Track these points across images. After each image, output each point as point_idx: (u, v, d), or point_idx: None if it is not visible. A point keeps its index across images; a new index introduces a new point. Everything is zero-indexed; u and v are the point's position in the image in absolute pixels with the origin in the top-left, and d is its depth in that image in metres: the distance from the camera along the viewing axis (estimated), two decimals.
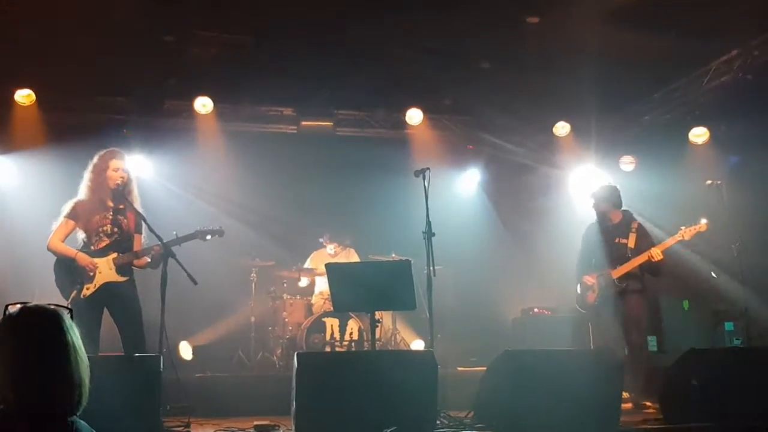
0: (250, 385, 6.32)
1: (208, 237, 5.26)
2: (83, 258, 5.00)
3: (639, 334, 5.92)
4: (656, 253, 5.82)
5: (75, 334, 1.90)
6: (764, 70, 6.88)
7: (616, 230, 6.13)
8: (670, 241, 5.94)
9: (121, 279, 5.10)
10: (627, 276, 5.95)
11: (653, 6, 6.18)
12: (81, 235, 5.14)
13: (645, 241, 6.01)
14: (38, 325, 1.86)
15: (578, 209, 6.53)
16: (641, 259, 5.87)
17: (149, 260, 5.14)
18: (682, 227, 5.91)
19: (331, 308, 7.08)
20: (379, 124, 8.70)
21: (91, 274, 4.99)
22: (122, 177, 5.14)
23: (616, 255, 6.04)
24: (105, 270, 5.04)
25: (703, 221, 5.89)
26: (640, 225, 6.12)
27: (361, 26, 6.46)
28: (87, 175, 5.22)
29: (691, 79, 7.71)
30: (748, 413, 4.40)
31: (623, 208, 6.22)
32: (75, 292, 4.94)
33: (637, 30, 6.46)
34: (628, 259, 5.96)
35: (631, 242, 6.01)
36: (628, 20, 6.29)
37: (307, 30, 6.60)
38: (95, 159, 5.25)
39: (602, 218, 6.23)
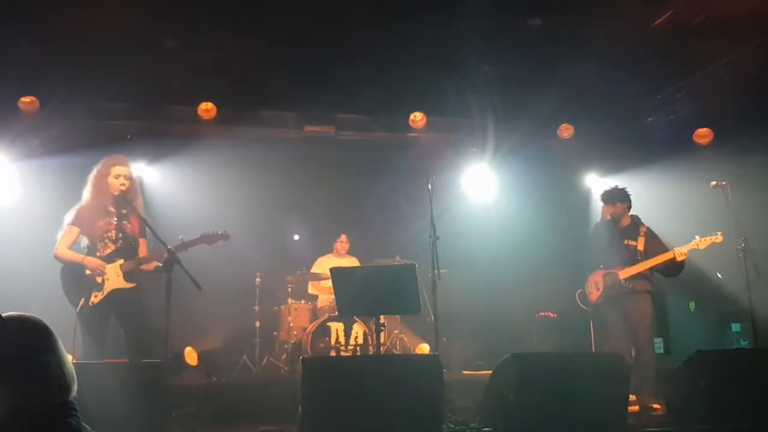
0: (255, 391, 6.30)
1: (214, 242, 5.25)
2: (91, 261, 5.00)
3: (645, 333, 5.91)
4: (680, 253, 5.80)
5: (59, 343, 1.97)
6: (766, 70, 6.86)
7: (625, 232, 6.15)
8: (684, 248, 5.86)
9: (129, 285, 5.09)
10: (635, 277, 5.94)
11: (654, 7, 6.18)
12: (85, 242, 5.13)
13: (655, 244, 6.01)
14: (24, 333, 1.89)
15: (582, 211, 6.52)
16: (665, 257, 5.82)
17: (160, 264, 5.07)
18: (697, 236, 5.86)
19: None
20: (382, 128, 8.68)
21: (100, 278, 4.99)
22: (124, 183, 5.13)
23: (625, 257, 6.05)
24: (113, 277, 5.04)
25: (719, 233, 5.83)
26: (648, 228, 6.13)
27: (363, 30, 6.46)
28: (90, 180, 5.22)
29: (694, 80, 7.69)
30: (755, 415, 4.37)
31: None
32: (83, 300, 4.94)
33: (638, 31, 6.45)
34: (637, 261, 5.96)
35: (640, 245, 6.02)
36: (628, 21, 6.28)
37: (310, 34, 6.60)
38: (98, 165, 5.24)
39: (616, 219, 6.22)
